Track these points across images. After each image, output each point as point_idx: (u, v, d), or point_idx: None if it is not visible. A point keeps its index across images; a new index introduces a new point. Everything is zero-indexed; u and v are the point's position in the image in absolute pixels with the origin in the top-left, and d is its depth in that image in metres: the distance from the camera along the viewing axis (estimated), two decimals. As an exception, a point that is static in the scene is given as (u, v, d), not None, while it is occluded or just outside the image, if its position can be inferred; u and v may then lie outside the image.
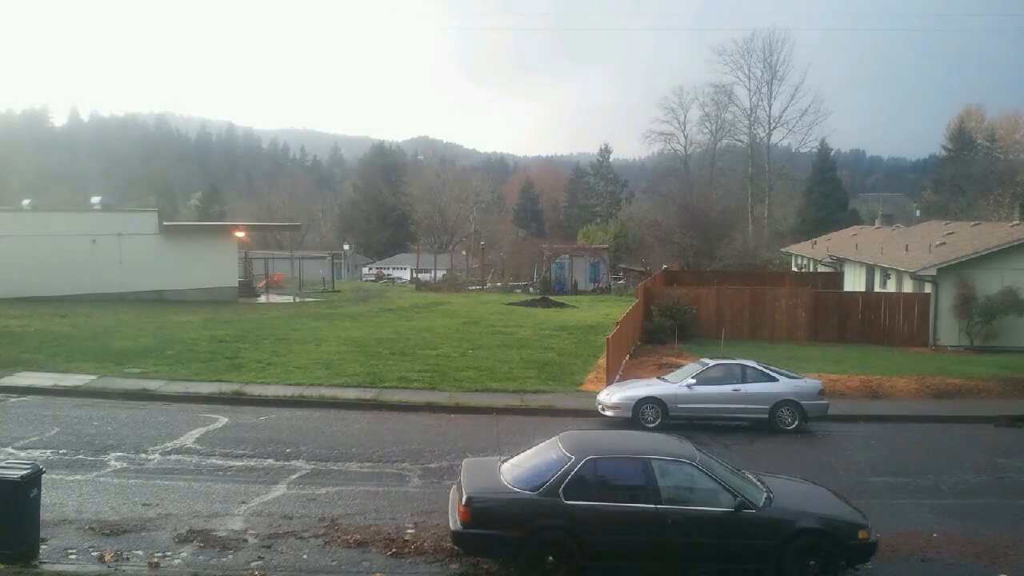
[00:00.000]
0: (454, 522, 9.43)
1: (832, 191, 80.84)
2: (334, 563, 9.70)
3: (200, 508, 11.39)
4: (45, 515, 9.86)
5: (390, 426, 16.80)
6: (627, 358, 24.05)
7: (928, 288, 29.81)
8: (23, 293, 33.92)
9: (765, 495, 9.72)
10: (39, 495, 9.46)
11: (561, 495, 9.31)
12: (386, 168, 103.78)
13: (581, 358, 24.55)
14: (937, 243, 33.94)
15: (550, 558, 9.20)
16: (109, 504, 11.46)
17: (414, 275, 72.51)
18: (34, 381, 19.28)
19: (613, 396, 17.68)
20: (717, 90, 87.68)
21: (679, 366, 20.65)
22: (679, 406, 17.30)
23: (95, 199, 45.33)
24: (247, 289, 45.05)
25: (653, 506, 9.29)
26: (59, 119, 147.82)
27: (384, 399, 18.78)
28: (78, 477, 12.67)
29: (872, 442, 16.73)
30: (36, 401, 17.89)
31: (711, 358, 19.02)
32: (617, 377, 20.40)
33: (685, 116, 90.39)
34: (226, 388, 19.06)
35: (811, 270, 52.57)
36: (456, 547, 9.71)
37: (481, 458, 12.04)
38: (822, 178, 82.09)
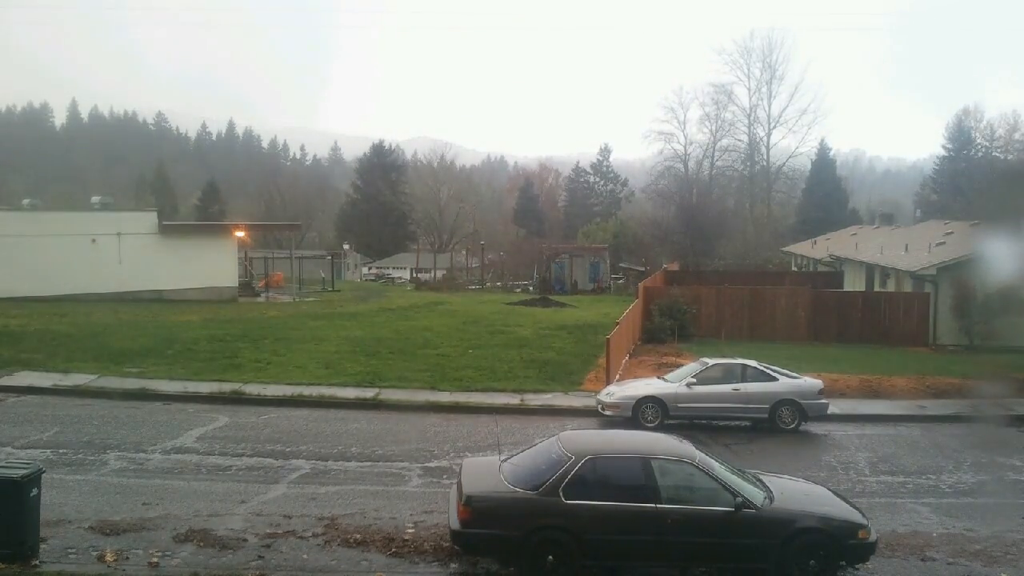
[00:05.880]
0: (454, 521, 9.43)
1: (832, 191, 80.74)
2: (334, 562, 9.69)
3: (200, 507, 11.38)
4: (45, 515, 9.84)
5: (390, 425, 16.80)
6: (627, 358, 24.05)
7: (928, 288, 29.83)
8: (23, 293, 33.90)
9: (765, 495, 9.72)
10: (39, 495, 9.45)
11: (561, 495, 9.30)
12: (386, 168, 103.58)
13: (581, 357, 24.54)
14: (937, 243, 33.96)
15: (550, 558, 9.19)
16: (109, 504, 11.46)
17: (414, 275, 72.49)
18: (34, 381, 19.28)
19: (613, 396, 17.68)
20: (717, 90, 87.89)
21: (679, 366, 20.64)
22: (679, 406, 17.29)
23: (95, 198, 45.33)
24: (247, 289, 45.02)
25: (653, 505, 9.28)
26: (59, 118, 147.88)
27: (384, 398, 18.78)
28: (78, 477, 12.67)
29: (872, 442, 16.72)
30: (36, 401, 17.89)
31: (711, 357, 19.00)
32: (617, 377, 20.38)
33: (685, 116, 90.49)
34: (226, 387, 19.06)
35: (811, 270, 52.59)
36: (456, 546, 9.70)
37: (481, 457, 12.04)
38: (822, 177, 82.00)
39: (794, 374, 18.28)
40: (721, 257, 64.18)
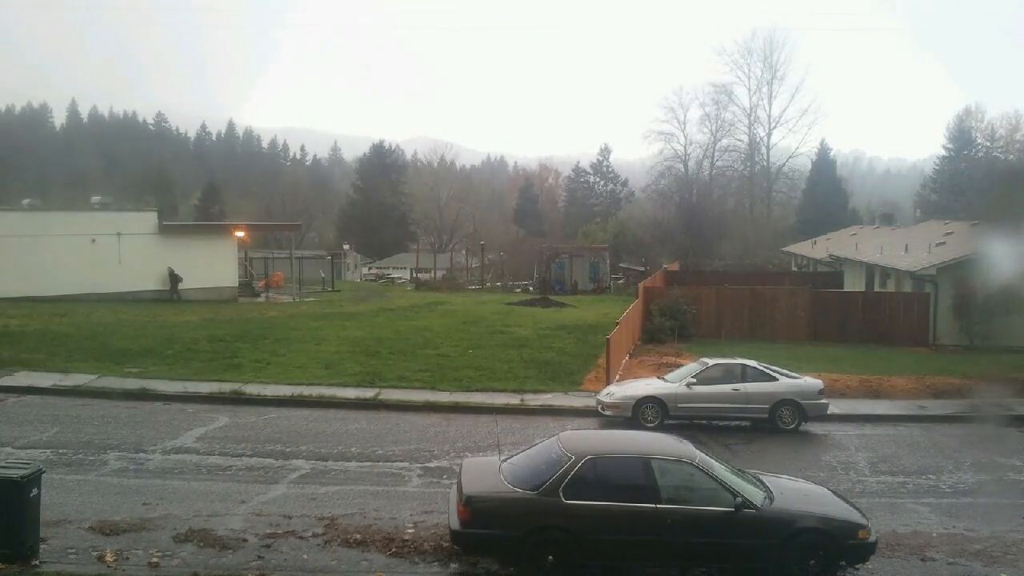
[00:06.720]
0: (454, 521, 9.43)
1: (832, 191, 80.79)
2: (334, 562, 9.69)
3: (200, 507, 11.38)
4: (45, 515, 9.84)
5: (390, 426, 16.80)
6: (627, 358, 24.06)
7: (928, 288, 29.82)
8: (23, 293, 33.88)
9: (765, 495, 9.72)
10: (39, 495, 9.44)
11: (561, 495, 9.30)
12: (386, 168, 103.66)
13: (581, 358, 24.54)
14: (937, 243, 33.95)
15: (550, 558, 9.19)
16: (109, 504, 11.46)
17: (414, 275, 72.45)
18: (34, 381, 19.27)
19: (613, 396, 17.67)
20: (717, 90, 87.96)
21: (679, 366, 20.65)
22: (679, 406, 17.29)
23: (95, 198, 45.30)
24: (247, 289, 45.02)
25: (653, 506, 9.28)
26: (59, 118, 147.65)
27: (384, 398, 18.78)
28: (78, 477, 12.67)
29: (872, 442, 16.73)
30: (36, 401, 17.88)
31: (711, 358, 19.00)
32: (617, 377, 20.38)
33: (685, 116, 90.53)
34: (226, 388, 19.06)
35: (811, 270, 52.59)
36: (455, 546, 9.70)
37: (481, 458, 12.05)
38: (822, 178, 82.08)
39: (794, 374, 18.29)
40: (721, 257, 64.17)
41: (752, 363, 18.01)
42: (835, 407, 18.31)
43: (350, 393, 19.15)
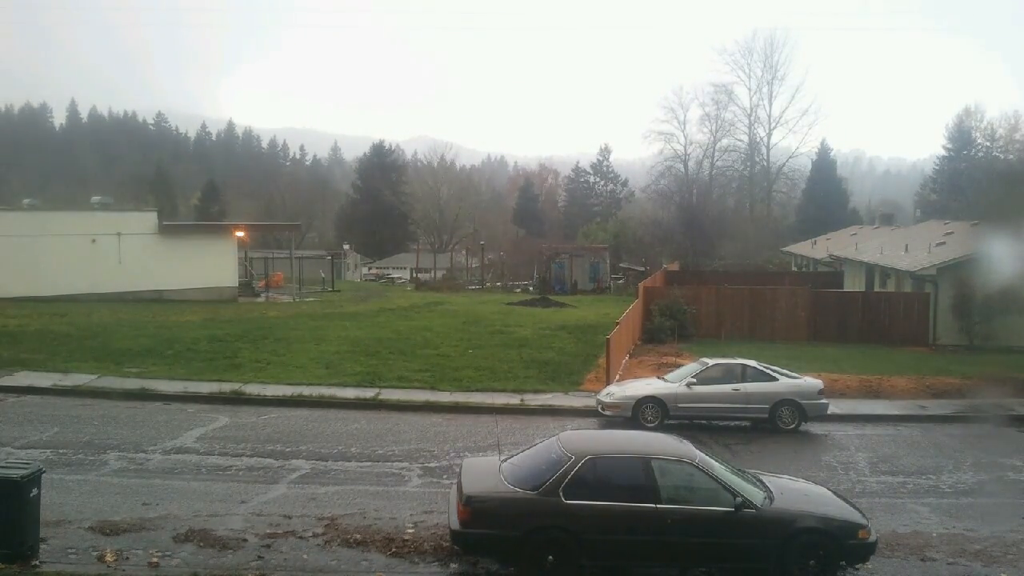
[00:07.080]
0: (453, 521, 9.43)
1: (832, 191, 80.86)
2: (334, 562, 9.69)
3: (200, 507, 11.38)
4: (45, 515, 9.84)
5: (389, 425, 16.80)
6: (627, 358, 24.06)
7: (928, 288, 29.82)
8: (23, 293, 33.89)
9: (765, 495, 9.72)
10: (39, 495, 9.44)
11: (561, 495, 9.30)
12: (386, 168, 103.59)
13: (581, 358, 24.54)
14: (937, 243, 33.96)
15: (550, 558, 9.19)
16: (109, 504, 11.46)
17: (414, 275, 72.45)
18: (34, 381, 19.28)
19: (613, 396, 17.67)
20: (717, 89, 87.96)
21: (679, 366, 20.64)
22: (679, 406, 17.29)
23: (94, 198, 45.35)
24: (247, 289, 45.02)
25: (653, 506, 9.28)
26: (58, 118, 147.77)
27: (383, 398, 18.79)
28: (78, 477, 12.67)
29: (872, 442, 16.73)
30: (36, 401, 17.89)
31: (711, 358, 18.99)
32: (617, 377, 20.38)
33: (685, 116, 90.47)
34: (226, 387, 19.06)
35: (811, 270, 52.62)
36: (455, 546, 9.71)
37: (481, 458, 12.06)
38: (822, 178, 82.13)
39: (794, 374, 18.29)
40: (721, 257, 64.15)
41: (752, 363, 18.01)
42: (835, 407, 18.30)
43: (350, 393, 19.16)
